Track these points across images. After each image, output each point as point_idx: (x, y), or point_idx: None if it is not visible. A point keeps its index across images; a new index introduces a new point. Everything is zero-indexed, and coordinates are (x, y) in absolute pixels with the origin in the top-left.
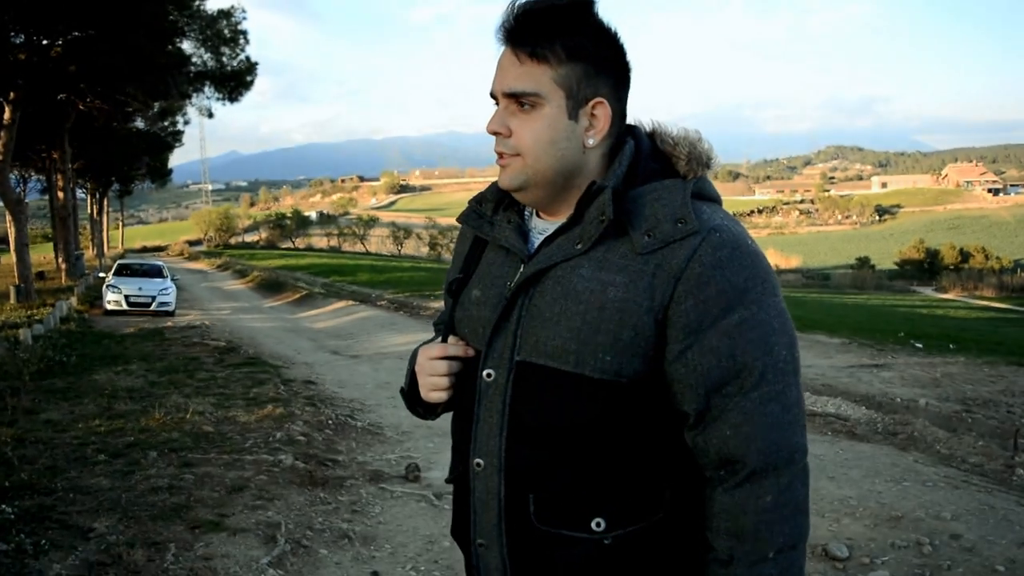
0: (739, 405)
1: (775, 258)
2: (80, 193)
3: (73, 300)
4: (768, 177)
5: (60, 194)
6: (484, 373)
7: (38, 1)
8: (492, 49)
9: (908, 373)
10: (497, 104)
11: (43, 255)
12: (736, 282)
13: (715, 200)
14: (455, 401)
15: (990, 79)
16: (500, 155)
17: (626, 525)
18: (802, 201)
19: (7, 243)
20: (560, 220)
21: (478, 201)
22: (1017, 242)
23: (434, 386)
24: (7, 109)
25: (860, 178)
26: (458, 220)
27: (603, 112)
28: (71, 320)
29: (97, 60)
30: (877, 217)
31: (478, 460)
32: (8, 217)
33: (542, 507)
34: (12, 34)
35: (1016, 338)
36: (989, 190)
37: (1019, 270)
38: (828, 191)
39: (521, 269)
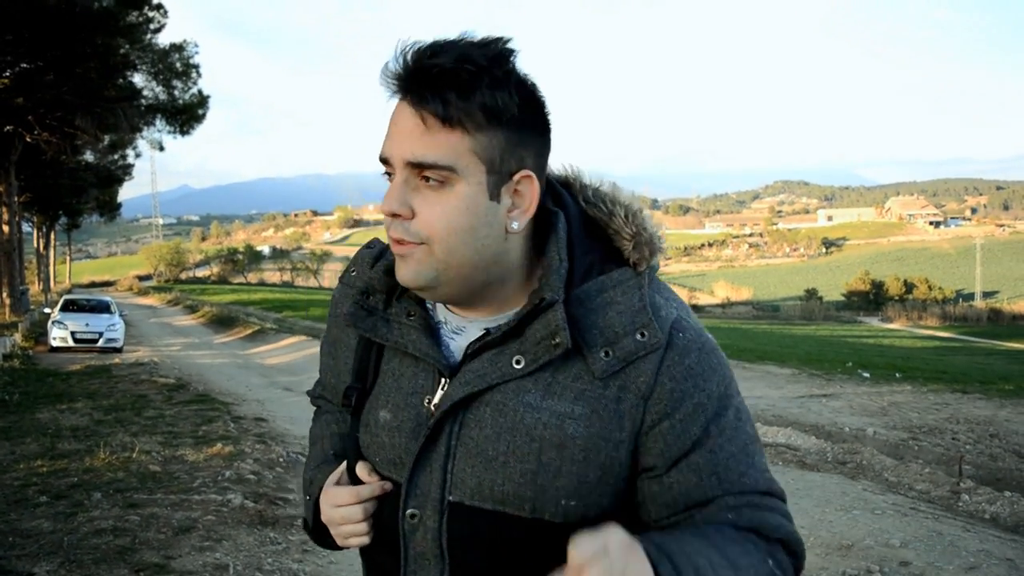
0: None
1: (726, 291)
2: (26, 227)
3: (17, 336)
4: (718, 211)
5: (5, 228)
6: (408, 513)
7: None
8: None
9: (856, 402)
10: (388, 171)
11: None
12: (711, 390)
13: (655, 271)
14: (373, 537)
15: (927, 115)
16: (399, 242)
17: None
18: (751, 234)
19: None
20: (477, 316)
21: (364, 293)
22: (958, 273)
23: (351, 533)
24: None
25: (807, 212)
26: (346, 322)
27: (529, 189)
28: (14, 357)
29: (45, 92)
30: (824, 250)
31: None
32: None
33: None
34: None
35: (960, 366)
36: (930, 223)
37: (961, 300)
38: (776, 224)
39: (443, 384)
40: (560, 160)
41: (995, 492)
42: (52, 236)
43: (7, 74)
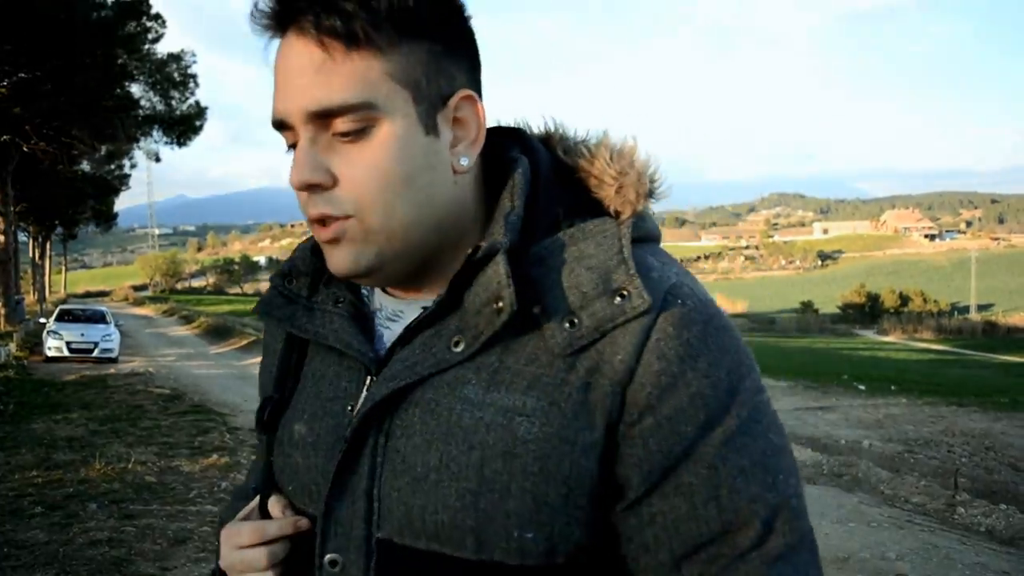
0: None
1: (722, 303)
2: (22, 236)
3: (12, 346)
4: (714, 224)
5: (1, 237)
6: (327, 560)
7: None
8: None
9: (852, 415)
10: (290, 141)
11: None
12: (717, 379)
13: (654, 239)
14: None
15: (923, 128)
16: (321, 221)
17: None
18: (747, 247)
19: None
20: (419, 296)
21: (285, 276)
22: (953, 286)
23: None
24: None
25: (803, 224)
26: (255, 314)
27: (473, 112)
28: (9, 367)
29: (43, 102)
30: (820, 262)
31: None
32: None
33: None
34: None
35: (955, 379)
36: (926, 236)
37: (956, 313)
38: (772, 237)
39: (368, 384)
40: (542, 114)
41: (991, 505)
42: (48, 246)
43: (5, 83)
